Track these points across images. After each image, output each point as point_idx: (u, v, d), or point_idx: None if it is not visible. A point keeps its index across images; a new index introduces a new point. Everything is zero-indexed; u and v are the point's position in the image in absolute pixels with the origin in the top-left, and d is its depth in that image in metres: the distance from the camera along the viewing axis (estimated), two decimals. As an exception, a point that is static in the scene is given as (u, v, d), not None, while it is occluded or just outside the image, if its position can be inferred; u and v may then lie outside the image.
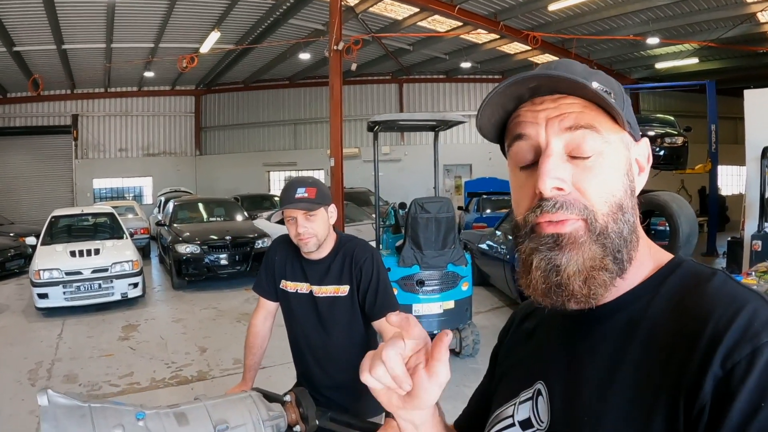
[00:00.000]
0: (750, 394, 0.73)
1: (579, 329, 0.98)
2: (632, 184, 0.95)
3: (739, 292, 0.84)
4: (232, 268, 12.53)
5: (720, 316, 0.80)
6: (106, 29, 17.56)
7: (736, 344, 0.76)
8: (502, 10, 16.94)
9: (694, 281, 0.89)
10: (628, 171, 0.95)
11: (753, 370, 0.74)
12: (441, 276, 7.11)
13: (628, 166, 0.95)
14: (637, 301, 0.93)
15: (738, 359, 0.75)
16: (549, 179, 0.88)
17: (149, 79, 25.51)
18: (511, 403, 1.06)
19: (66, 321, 9.82)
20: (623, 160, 0.94)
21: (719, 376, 0.75)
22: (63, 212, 12.72)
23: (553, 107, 0.92)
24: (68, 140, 26.88)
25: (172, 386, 6.88)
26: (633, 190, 0.95)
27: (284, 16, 17.52)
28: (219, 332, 9.13)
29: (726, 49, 18.62)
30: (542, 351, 1.07)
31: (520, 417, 1.03)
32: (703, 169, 15.18)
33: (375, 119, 7.74)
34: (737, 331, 0.77)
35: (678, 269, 0.94)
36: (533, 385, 1.03)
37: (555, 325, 1.04)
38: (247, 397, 2.19)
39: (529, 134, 0.94)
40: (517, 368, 1.13)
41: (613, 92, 0.93)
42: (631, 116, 0.96)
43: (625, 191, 0.92)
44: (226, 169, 28.56)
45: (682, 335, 0.82)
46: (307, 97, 28.50)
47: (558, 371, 0.99)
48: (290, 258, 2.98)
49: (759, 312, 0.79)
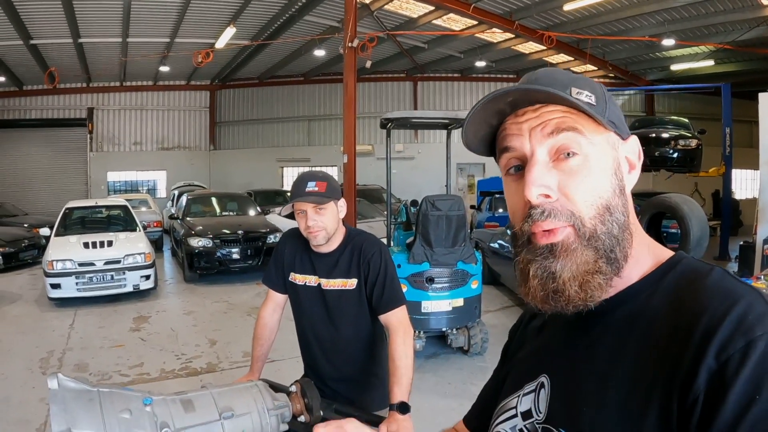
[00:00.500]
0: (744, 387, 0.73)
1: (581, 325, 1.00)
2: (621, 183, 0.97)
3: (735, 287, 0.85)
4: (244, 263, 12.56)
5: (715, 309, 0.81)
6: (122, 24, 17.68)
7: (731, 337, 0.77)
8: (517, 9, 16.91)
9: (692, 277, 0.90)
10: (616, 170, 0.97)
11: (747, 362, 0.74)
12: (451, 273, 7.11)
13: (616, 165, 0.97)
14: (636, 296, 0.95)
15: (732, 352, 0.76)
16: (534, 187, 0.92)
17: (164, 74, 25.65)
18: (516, 395, 1.09)
19: (78, 311, 9.90)
20: (609, 160, 0.96)
21: (713, 369, 0.76)
22: (77, 204, 12.79)
23: (535, 117, 0.96)
24: (83, 133, 27.09)
25: (182, 377, 6.92)
26: (623, 189, 0.97)
27: (300, 13, 17.58)
28: (229, 325, 9.17)
29: (742, 52, 18.48)
30: (547, 346, 1.10)
31: (523, 408, 1.05)
32: (717, 173, 15.09)
33: (388, 116, 7.75)
34: (731, 324, 0.78)
35: (678, 265, 0.95)
36: (537, 378, 1.05)
37: (559, 321, 1.06)
38: (253, 387, 2.21)
39: (514, 146, 0.98)
40: (523, 362, 1.15)
41: (595, 95, 0.96)
42: (615, 115, 0.98)
43: (613, 191, 0.95)
44: (239, 164, 28.68)
45: (677, 329, 0.83)
46: (321, 94, 28.58)
47: (561, 365, 1.02)
48: (299, 251, 3.01)
49: (753, 305, 0.80)
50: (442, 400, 6.12)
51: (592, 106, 0.93)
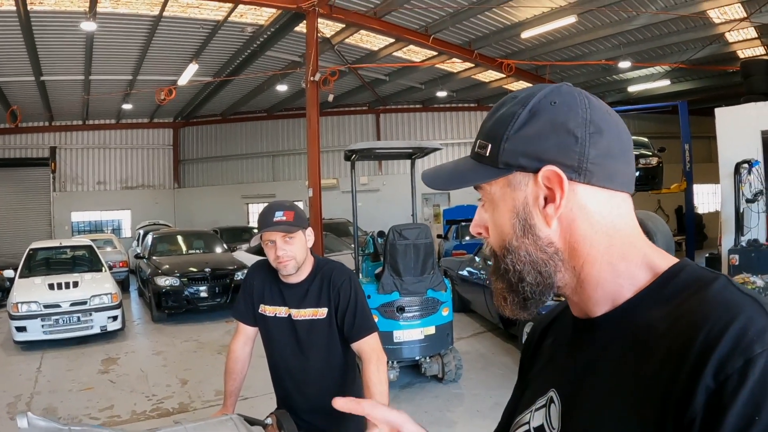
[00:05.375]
0: (743, 408, 0.71)
1: (584, 339, 1.01)
2: (528, 222, 0.98)
3: (736, 299, 0.83)
4: (212, 300, 12.44)
5: (713, 324, 0.78)
6: (84, 61, 17.57)
7: (729, 356, 0.75)
8: (476, 39, 17.19)
9: (694, 287, 0.88)
10: (520, 211, 0.99)
11: (746, 383, 0.72)
12: (421, 302, 7.14)
13: (521, 206, 0.99)
14: (636, 309, 0.93)
15: (730, 372, 0.74)
16: (473, 225, 1.11)
17: (127, 112, 25.46)
18: (528, 411, 1.10)
19: (45, 354, 9.71)
20: (509, 204, 1.00)
21: (711, 389, 0.74)
22: (41, 245, 12.62)
23: None
24: (46, 172, 26.61)
25: (154, 418, 6.82)
26: (530, 227, 0.98)
27: (261, 49, 17.64)
28: (200, 364, 9.07)
29: (697, 70, 19.02)
30: (555, 361, 1.11)
31: (535, 423, 1.05)
32: (678, 189, 15.39)
33: (352, 148, 7.79)
34: (730, 341, 0.76)
35: (681, 274, 0.93)
36: (546, 393, 1.05)
37: (565, 335, 1.08)
38: (228, 420, 2.20)
39: None
40: (535, 377, 1.16)
41: (491, 142, 1.00)
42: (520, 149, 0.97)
43: (514, 232, 1.00)
44: (204, 201, 28.45)
45: (676, 344, 0.81)
46: (284, 129, 28.59)
47: (567, 380, 1.01)
48: (268, 282, 3.01)
49: (753, 321, 0.77)
50: (419, 428, 6.09)
51: (483, 157, 1.01)
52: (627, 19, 14.91)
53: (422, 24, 16.18)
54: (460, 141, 27.19)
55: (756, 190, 10.62)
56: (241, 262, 13.38)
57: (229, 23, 15.60)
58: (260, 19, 15.78)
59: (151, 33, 15.73)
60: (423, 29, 16.37)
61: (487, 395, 7.06)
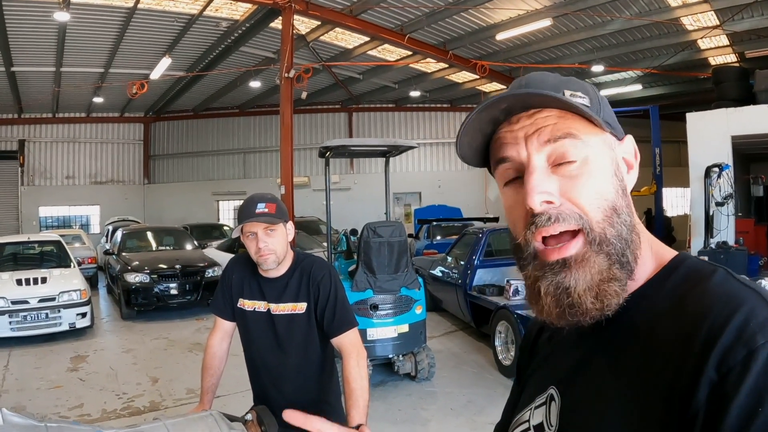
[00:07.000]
0: (746, 399, 0.71)
1: (586, 335, 0.98)
2: (622, 183, 0.96)
3: (738, 291, 0.82)
4: (183, 298, 12.28)
5: (716, 316, 0.78)
6: (56, 52, 17.36)
7: (731, 347, 0.74)
8: (451, 39, 17.28)
9: (695, 279, 0.88)
10: (616, 171, 0.95)
11: (748, 374, 0.72)
12: (395, 300, 7.13)
13: (615, 166, 0.96)
14: (639, 302, 0.92)
15: (733, 364, 0.73)
16: (536, 194, 0.90)
17: (98, 105, 25.23)
18: (528, 408, 1.08)
19: (12, 352, 9.54)
20: (609, 161, 0.95)
21: (714, 382, 0.74)
22: (8, 239, 12.41)
23: (530, 123, 0.94)
24: (14, 166, 26.17)
25: (125, 417, 6.72)
26: (624, 189, 0.95)
27: (236, 44, 17.56)
28: (171, 362, 8.97)
29: (668, 76, 19.31)
30: (555, 357, 1.09)
31: (535, 421, 1.04)
32: (648, 192, 15.52)
33: (327, 144, 7.75)
34: (732, 333, 0.75)
35: (681, 266, 0.93)
36: (546, 390, 1.03)
37: (564, 331, 1.03)
38: (208, 416, 2.17)
39: (510, 156, 0.96)
40: (534, 376, 1.15)
41: (588, 96, 0.96)
42: (609, 116, 0.98)
43: (616, 192, 0.93)
44: (174, 198, 28.26)
45: (678, 337, 0.81)
46: (256, 126, 28.58)
47: (568, 376, 1.00)
48: (247, 276, 2.97)
49: (755, 312, 0.77)
50: (393, 426, 6.11)
51: (587, 107, 0.92)
52: (601, 24, 15.11)
53: (398, 23, 16.25)
54: (433, 141, 27.36)
55: (726, 193, 10.80)
56: (212, 259, 13.27)
57: (204, 17, 15.54)
58: (236, 14, 15.73)
59: (124, 25, 15.61)
60: (398, 28, 16.44)
61: (459, 393, 7.07)
